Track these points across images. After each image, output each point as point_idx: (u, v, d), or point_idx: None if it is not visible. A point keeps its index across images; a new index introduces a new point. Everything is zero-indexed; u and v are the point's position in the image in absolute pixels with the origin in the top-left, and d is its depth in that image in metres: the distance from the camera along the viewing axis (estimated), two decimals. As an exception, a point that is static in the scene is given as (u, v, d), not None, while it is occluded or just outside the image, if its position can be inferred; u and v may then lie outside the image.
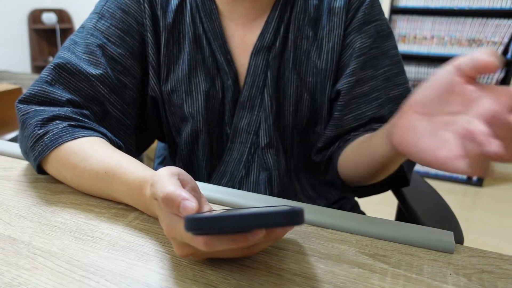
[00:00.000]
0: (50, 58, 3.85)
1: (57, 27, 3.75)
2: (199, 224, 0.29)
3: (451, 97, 0.35)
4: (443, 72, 0.36)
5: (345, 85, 0.61)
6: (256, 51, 0.61)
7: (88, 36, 0.60)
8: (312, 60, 0.62)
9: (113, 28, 0.60)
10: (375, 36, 0.62)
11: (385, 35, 0.63)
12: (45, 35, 3.84)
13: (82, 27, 0.62)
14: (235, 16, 0.62)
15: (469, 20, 2.33)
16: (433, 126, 0.36)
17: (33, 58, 3.77)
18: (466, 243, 1.83)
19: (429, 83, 0.37)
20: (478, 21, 2.32)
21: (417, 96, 0.38)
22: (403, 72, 0.64)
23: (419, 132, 0.37)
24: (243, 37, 0.62)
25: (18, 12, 3.59)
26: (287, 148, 0.66)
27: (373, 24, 0.62)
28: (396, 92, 0.63)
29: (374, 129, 0.62)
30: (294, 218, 0.28)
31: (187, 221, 0.29)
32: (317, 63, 0.62)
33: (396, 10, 2.47)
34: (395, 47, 0.64)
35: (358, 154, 0.57)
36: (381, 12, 0.63)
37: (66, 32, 3.89)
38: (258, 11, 0.62)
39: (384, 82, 0.62)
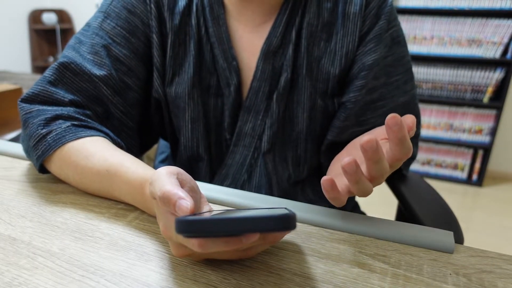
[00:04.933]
0: (51, 58, 3.85)
1: (57, 27, 3.75)
2: (189, 227, 0.29)
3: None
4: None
5: (353, 99, 0.60)
6: (263, 55, 0.60)
7: (94, 36, 0.59)
8: (325, 67, 0.60)
9: (119, 28, 0.60)
10: (390, 43, 0.61)
11: (400, 41, 0.62)
12: (45, 35, 3.85)
13: (88, 25, 0.61)
14: (243, 18, 0.61)
15: (469, 20, 2.34)
16: None
17: (34, 58, 3.77)
18: (466, 243, 1.83)
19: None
20: (478, 21, 2.32)
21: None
22: (412, 78, 0.64)
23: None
24: (251, 40, 0.61)
25: (18, 12, 3.59)
26: (300, 155, 0.65)
27: (389, 32, 0.60)
28: (402, 99, 0.63)
29: None
30: (285, 223, 0.28)
31: (177, 223, 0.29)
32: (330, 70, 0.60)
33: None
34: (408, 53, 0.63)
35: None
36: (396, 17, 0.62)
37: (66, 32, 3.89)
38: (266, 14, 0.61)
39: (394, 91, 0.62)
